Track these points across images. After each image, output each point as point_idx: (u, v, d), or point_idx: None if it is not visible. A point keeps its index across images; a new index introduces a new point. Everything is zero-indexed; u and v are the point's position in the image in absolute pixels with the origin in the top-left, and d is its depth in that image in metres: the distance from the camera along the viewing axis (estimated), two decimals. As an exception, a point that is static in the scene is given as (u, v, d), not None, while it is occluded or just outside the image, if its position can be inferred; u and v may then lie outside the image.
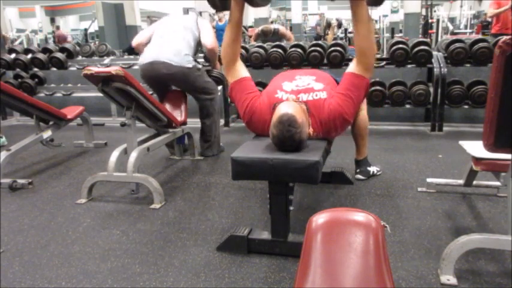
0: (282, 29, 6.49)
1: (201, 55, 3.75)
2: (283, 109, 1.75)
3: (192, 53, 3.03)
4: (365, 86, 1.96)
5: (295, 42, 4.48)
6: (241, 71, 2.10)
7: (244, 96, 2.02)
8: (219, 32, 9.30)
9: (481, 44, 3.76)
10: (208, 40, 3.11)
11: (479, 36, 7.57)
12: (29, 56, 5.03)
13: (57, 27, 16.65)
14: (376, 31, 14.38)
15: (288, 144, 1.71)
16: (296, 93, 1.97)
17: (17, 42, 12.02)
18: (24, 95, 2.91)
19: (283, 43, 4.51)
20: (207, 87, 3.14)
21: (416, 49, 3.88)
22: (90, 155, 3.50)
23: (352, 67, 1.96)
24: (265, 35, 6.15)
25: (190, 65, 2.94)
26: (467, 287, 1.53)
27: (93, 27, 14.79)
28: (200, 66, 3.09)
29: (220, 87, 3.78)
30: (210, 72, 3.24)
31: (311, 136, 1.85)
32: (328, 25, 11.72)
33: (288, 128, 1.68)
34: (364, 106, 2.57)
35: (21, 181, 2.70)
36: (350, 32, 11.59)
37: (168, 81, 3.08)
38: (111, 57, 5.05)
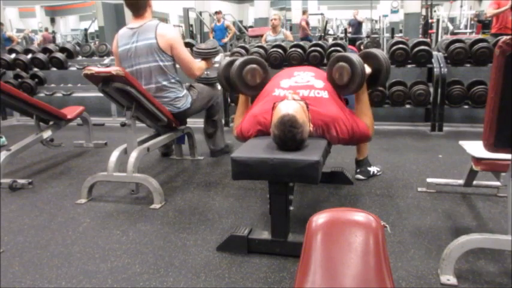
0: (288, 33, 6.82)
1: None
2: (283, 109, 1.75)
3: (176, 80, 2.75)
4: (367, 137, 2.15)
5: (295, 42, 4.48)
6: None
7: (242, 122, 2.15)
8: (217, 32, 9.37)
9: (481, 44, 3.76)
10: (187, 73, 2.77)
11: (479, 36, 7.56)
12: (29, 56, 5.03)
13: (45, 29, 16.92)
14: (375, 31, 14.39)
15: (290, 144, 1.73)
16: (295, 88, 2.01)
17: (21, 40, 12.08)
18: (24, 95, 2.90)
19: (283, 43, 4.51)
20: (209, 97, 3.08)
21: (416, 49, 3.88)
22: (90, 155, 3.50)
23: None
24: (274, 31, 6.51)
25: (188, 105, 2.82)
26: (467, 287, 1.53)
27: (93, 27, 14.81)
28: (195, 87, 2.94)
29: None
30: (200, 80, 3.05)
31: (311, 133, 1.86)
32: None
33: (289, 129, 1.70)
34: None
35: (21, 181, 2.70)
36: (350, 32, 11.60)
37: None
38: (111, 57, 5.04)
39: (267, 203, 1.77)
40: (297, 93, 1.96)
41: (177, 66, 2.80)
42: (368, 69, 2.12)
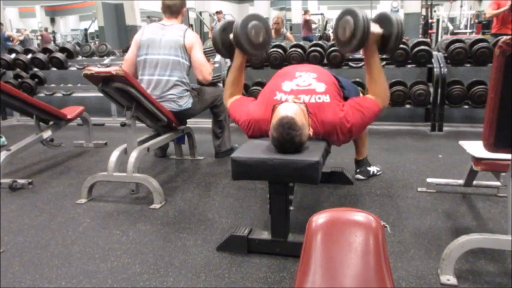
0: (290, 36, 6.88)
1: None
2: (282, 111, 1.74)
3: (186, 82, 2.82)
4: (377, 113, 2.07)
5: (295, 42, 4.49)
6: (238, 96, 2.24)
7: (242, 113, 2.08)
8: None
9: (481, 44, 3.76)
10: (199, 75, 2.85)
11: (479, 36, 7.57)
12: (29, 56, 5.03)
13: (45, 29, 17.01)
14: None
15: (288, 146, 1.71)
16: (296, 93, 1.98)
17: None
18: (24, 95, 2.90)
19: (283, 43, 4.51)
20: (213, 98, 3.08)
21: (416, 49, 3.88)
22: (90, 155, 3.50)
23: (371, 96, 2.08)
24: (276, 33, 6.60)
25: (190, 105, 2.84)
26: (467, 287, 1.53)
27: (93, 27, 14.82)
28: (195, 89, 2.96)
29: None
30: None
31: (311, 137, 1.85)
32: None
33: (288, 131, 1.68)
34: None
35: (21, 181, 2.70)
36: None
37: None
38: (111, 57, 5.05)
39: (267, 203, 1.76)
40: (298, 98, 1.94)
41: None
42: (377, 29, 2.02)
